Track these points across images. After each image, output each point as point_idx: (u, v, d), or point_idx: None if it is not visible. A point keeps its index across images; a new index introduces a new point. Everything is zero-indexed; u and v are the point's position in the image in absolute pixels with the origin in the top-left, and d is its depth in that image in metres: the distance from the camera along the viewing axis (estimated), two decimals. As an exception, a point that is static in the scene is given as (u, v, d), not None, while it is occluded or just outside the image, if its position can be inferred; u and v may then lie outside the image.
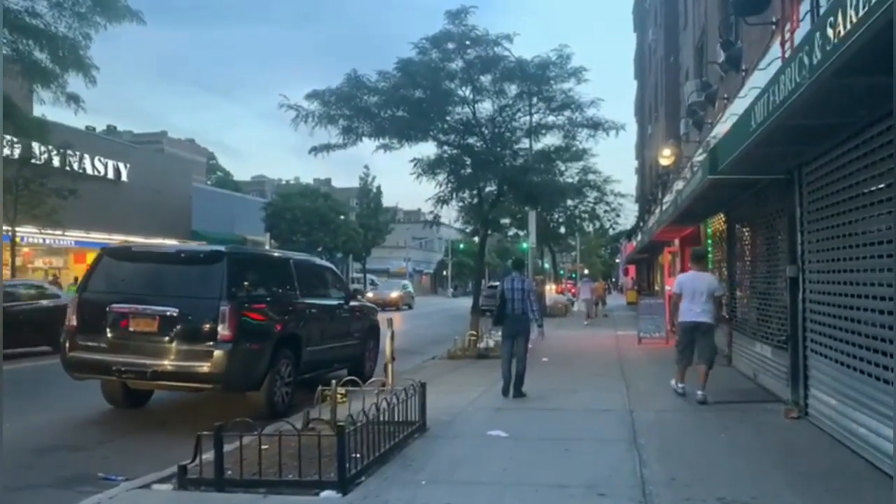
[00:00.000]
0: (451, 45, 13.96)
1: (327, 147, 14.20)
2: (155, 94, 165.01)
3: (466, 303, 44.87)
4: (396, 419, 6.90)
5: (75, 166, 30.26)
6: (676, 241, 21.74)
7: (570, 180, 38.71)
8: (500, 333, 11.38)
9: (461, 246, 78.94)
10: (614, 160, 52.76)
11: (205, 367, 7.74)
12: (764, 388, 9.56)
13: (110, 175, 33.22)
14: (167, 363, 7.80)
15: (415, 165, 14.18)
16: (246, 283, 8.39)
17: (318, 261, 11.17)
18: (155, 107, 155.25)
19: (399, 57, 13.01)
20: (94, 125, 69.28)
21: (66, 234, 27.78)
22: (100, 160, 32.55)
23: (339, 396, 8.89)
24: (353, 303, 11.43)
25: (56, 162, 27.22)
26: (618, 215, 40.95)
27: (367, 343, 11.72)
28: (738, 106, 10.46)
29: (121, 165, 33.99)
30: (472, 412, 8.47)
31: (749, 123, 6.49)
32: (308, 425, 7.15)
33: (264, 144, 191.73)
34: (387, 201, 59.25)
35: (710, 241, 15.90)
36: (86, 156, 31.37)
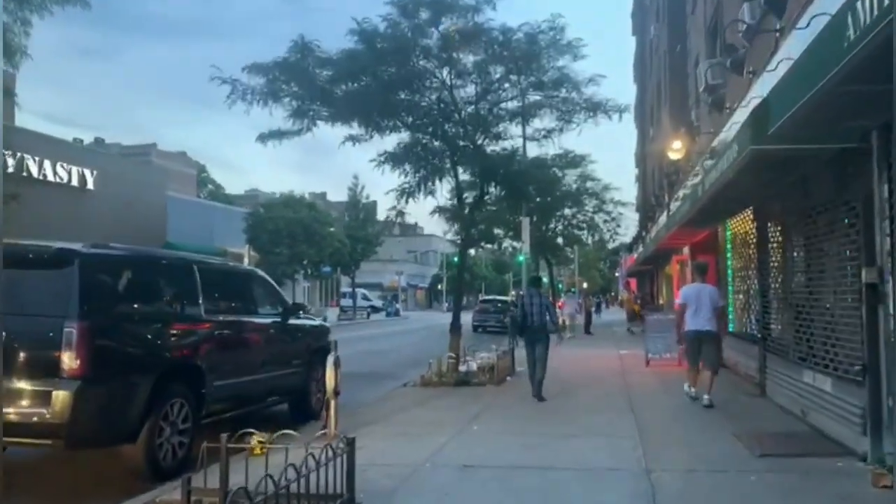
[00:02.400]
0: (424, 16, 11.71)
1: (279, 134, 11.90)
2: (154, 110, 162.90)
3: (463, 318, 42.48)
4: (317, 490, 4.62)
5: (34, 172, 27.97)
6: (686, 249, 19.44)
7: (566, 188, 36.74)
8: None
9: (455, 259, 76.55)
10: (613, 171, 50.55)
11: (40, 414, 5.41)
12: (821, 432, 7.20)
13: (74, 182, 30.87)
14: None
15: (379, 156, 11.83)
16: (111, 294, 6.08)
17: (239, 266, 8.83)
18: (153, 122, 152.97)
19: (357, 20, 10.66)
20: (82, 138, 67.40)
21: (19, 243, 25.36)
22: (62, 166, 30.23)
23: (257, 448, 6.69)
24: (293, 321, 9.10)
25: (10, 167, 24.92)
26: (618, 225, 38.73)
27: (313, 370, 9.36)
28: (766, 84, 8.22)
29: (87, 172, 31.65)
30: (429, 474, 6.12)
31: (829, 52, 4.24)
32: (189, 498, 4.86)
33: (263, 160, 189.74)
34: (382, 215, 57.03)
35: (728, 247, 13.60)
36: (46, 161, 29.05)
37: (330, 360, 7.84)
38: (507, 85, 12.32)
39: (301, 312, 9.17)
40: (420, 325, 39.34)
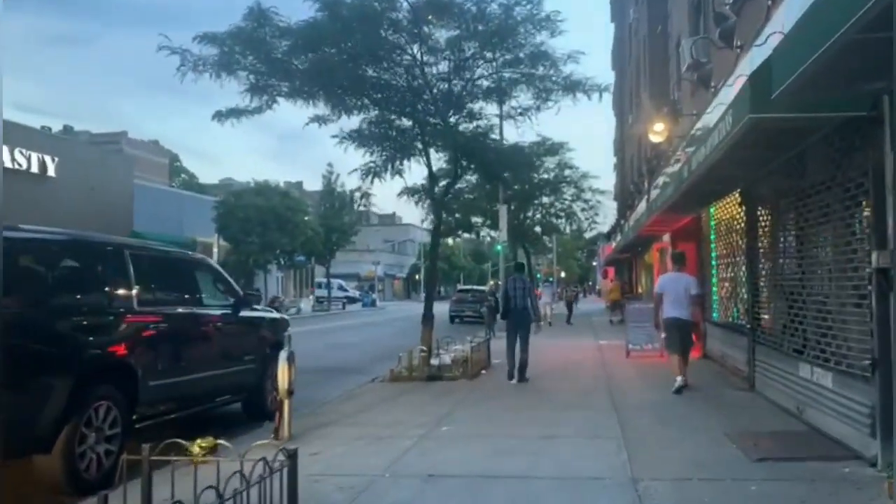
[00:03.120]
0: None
1: (237, 112, 11.05)
2: (130, 99, 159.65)
3: (439, 308, 41.58)
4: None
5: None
6: (666, 237, 18.88)
7: (545, 176, 36.10)
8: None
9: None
10: (591, 160, 49.75)
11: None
12: (821, 431, 6.59)
13: (34, 168, 29.68)
14: None
15: (343, 133, 11.00)
16: (22, 282, 5.26)
17: (184, 253, 8.01)
18: (128, 112, 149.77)
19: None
20: (50, 126, 65.38)
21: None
22: (21, 152, 29.00)
23: (197, 455, 5.91)
24: (245, 312, 8.32)
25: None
26: (596, 214, 38.29)
27: (269, 367, 8.57)
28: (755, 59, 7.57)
29: (47, 159, 30.45)
30: (388, 485, 5.39)
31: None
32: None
33: (239, 149, 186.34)
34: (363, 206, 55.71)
35: (712, 233, 13.01)
36: (3, 147, 27.78)
37: (283, 356, 7.11)
38: (481, 62, 11.56)
39: (255, 304, 8.35)
40: (396, 316, 38.59)
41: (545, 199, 37.01)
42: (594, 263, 75.56)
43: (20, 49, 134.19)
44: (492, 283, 32.18)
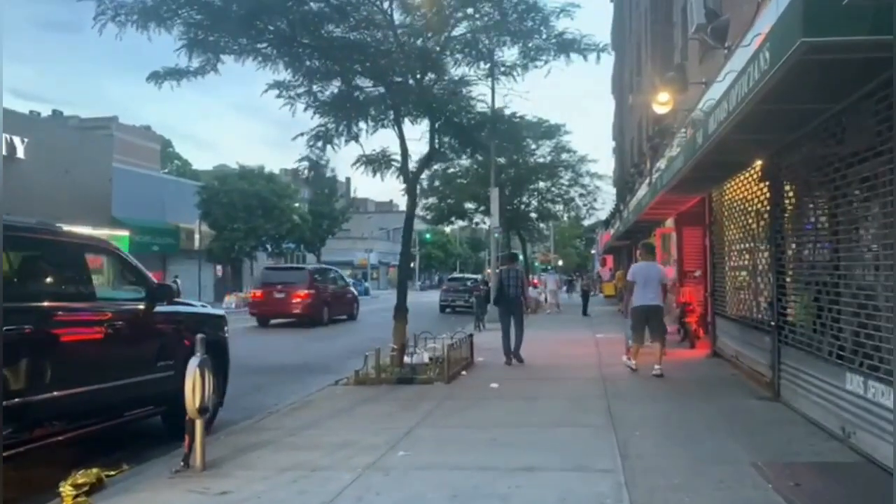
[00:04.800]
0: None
1: (175, 73, 9.50)
2: (125, 86, 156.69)
3: (433, 297, 40.09)
4: None
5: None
6: (669, 221, 17.37)
7: (541, 160, 34.50)
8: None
9: (427, 237, 74.37)
10: (589, 146, 47.83)
11: None
12: (878, 463, 5.10)
13: (2, 150, 28.05)
14: None
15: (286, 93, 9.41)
16: None
17: (75, 235, 6.44)
18: (123, 98, 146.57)
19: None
20: (39, 111, 63.32)
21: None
22: (-14, 133, 27.39)
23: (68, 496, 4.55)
24: (163, 307, 6.81)
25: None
26: (594, 199, 36.77)
27: (195, 372, 7.10)
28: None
29: (16, 140, 28.85)
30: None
31: None
32: None
33: (238, 136, 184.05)
34: (359, 194, 54.33)
35: (724, 215, 11.49)
36: (-35, 126, 26.19)
37: (193, 363, 5.60)
38: (460, 15, 9.97)
39: (170, 296, 6.82)
40: (387, 305, 36.85)
41: (541, 184, 35.48)
42: (592, 251, 74.02)
43: (17, 36, 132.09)
44: (487, 272, 30.62)
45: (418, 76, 9.57)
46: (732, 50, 9.85)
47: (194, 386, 5.52)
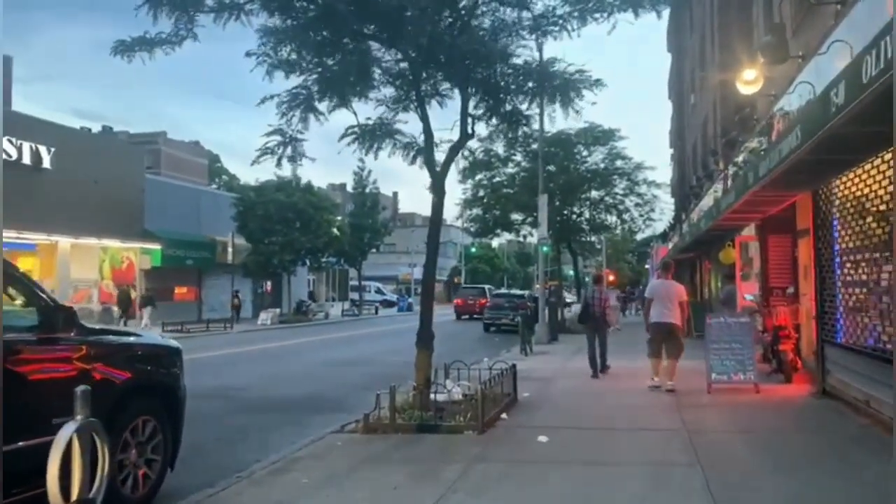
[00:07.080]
0: None
1: (146, 42, 7.58)
2: (182, 107, 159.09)
3: (475, 318, 37.56)
4: None
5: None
6: (749, 229, 14.86)
7: (594, 167, 32.03)
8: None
9: (472, 250, 72.24)
10: (644, 155, 44.56)
11: None
12: None
13: (26, 160, 26.96)
14: None
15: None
16: None
17: None
18: (179, 117, 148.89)
19: None
20: (90, 127, 63.47)
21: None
22: (10, 141, 26.28)
23: None
24: (69, 336, 4.78)
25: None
26: (651, 209, 33.96)
27: (124, 429, 5.06)
28: None
29: (42, 149, 27.72)
30: None
31: None
32: None
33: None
34: (405, 208, 52.22)
35: (832, 219, 9.04)
36: (-12, 135, 25.09)
37: (65, 432, 3.53)
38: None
39: (69, 323, 4.77)
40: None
41: (594, 193, 32.98)
42: (646, 266, 70.76)
43: (77, 58, 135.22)
44: (537, 286, 28.20)
45: (448, 24, 7.31)
46: (849, 4, 7.51)
47: (72, 468, 3.47)
